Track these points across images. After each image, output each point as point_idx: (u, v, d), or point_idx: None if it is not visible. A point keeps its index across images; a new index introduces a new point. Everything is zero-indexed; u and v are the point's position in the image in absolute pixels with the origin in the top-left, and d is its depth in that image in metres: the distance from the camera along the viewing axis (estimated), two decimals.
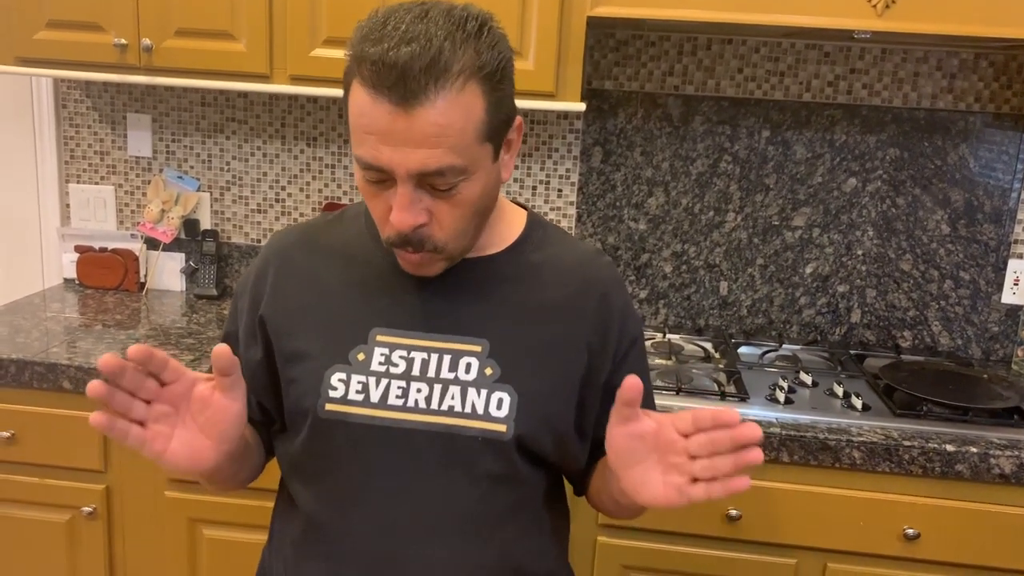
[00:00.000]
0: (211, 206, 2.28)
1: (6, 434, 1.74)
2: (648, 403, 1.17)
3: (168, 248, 2.28)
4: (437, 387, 1.00)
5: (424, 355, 1.01)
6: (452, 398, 1.00)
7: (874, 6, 1.62)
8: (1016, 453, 1.54)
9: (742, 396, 1.71)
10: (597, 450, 1.13)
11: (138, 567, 1.81)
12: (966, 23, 1.63)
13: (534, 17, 1.74)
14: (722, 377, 1.85)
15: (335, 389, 1.01)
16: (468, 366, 1.01)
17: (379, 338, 1.03)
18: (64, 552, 1.80)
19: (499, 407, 0.99)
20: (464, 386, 1.00)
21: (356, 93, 0.91)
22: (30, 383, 1.72)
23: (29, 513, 1.79)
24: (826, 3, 1.64)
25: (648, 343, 2.02)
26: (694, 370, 1.89)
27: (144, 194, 2.28)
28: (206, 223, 2.28)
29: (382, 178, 0.93)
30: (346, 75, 0.93)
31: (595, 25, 1.87)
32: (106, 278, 2.26)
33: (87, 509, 1.76)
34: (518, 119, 1.00)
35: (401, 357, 1.01)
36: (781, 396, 1.72)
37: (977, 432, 1.62)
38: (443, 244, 0.97)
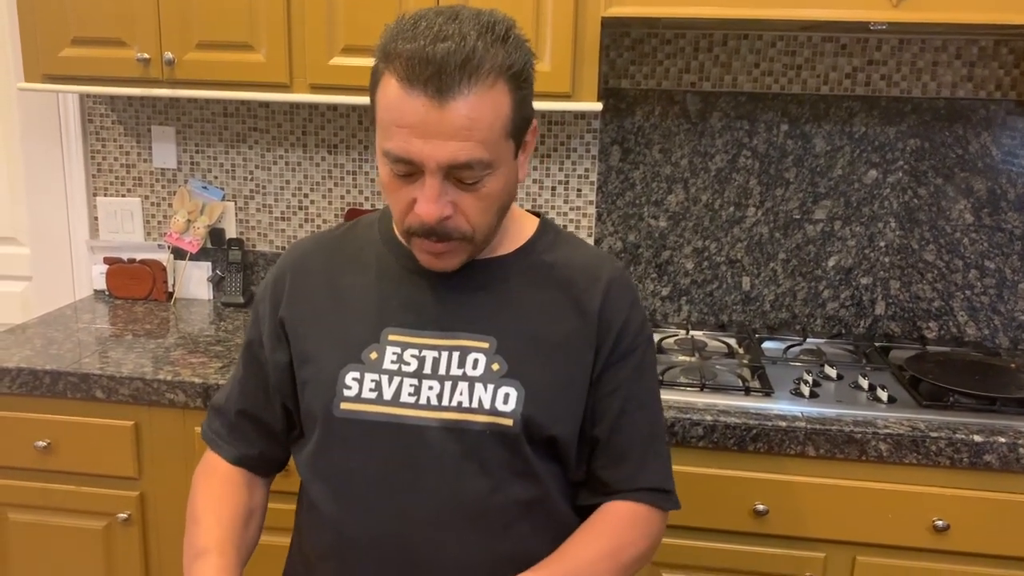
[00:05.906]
0: (236, 215, 2.31)
1: (42, 443, 1.78)
2: (656, 427, 1.14)
3: (195, 258, 2.31)
4: (447, 384, 1.03)
5: (435, 353, 1.04)
6: (461, 394, 1.03)
7: None
8: None
9: (767, 391, 1.71)
10: (592, 448, 1.11)
11: (174, 571, 1.84)
12: (983, 11, 1.61)
13: (549, 19, 1.75)
14: (746, 372, 1.85)
15: (349, 388, 1.04)
16: (475, 362, 1.04)
17: (391, 337, 1.06)
18: (101, 558, 1.83)
19: (506, 401, 1.02)
20: (472, 382, 1.03)
21: (387, 88, 0.94)
22: (64, 393, 1.76)
23: (67, 520, 1.82)
24: None
25: (672, 340, 2.03)
26: (718, 366, 1.89)
27: (170, 205, 2.32)
28: (231, 232, 2.32)
29: (410, 171, 0.96)
30: (374, 73, 0.97)
31: (610, 25, 1.88)
32: (135, 289, 2.30)
33: (123, 515, 1.80)
34: (534, 122, 1.04)
35: (413, 356, 1.05)
36: (806, 390, 1.72)
37: (1005, 422, 1.60)
38: (469, 233, 1.00)
